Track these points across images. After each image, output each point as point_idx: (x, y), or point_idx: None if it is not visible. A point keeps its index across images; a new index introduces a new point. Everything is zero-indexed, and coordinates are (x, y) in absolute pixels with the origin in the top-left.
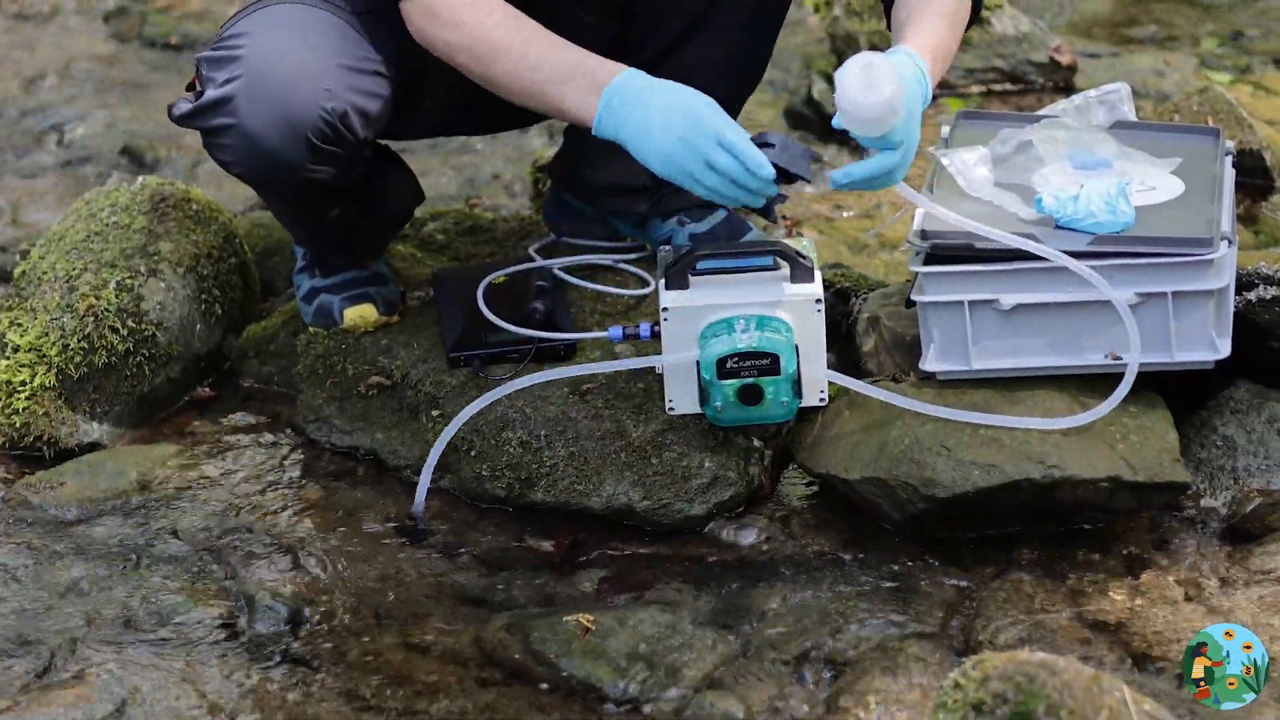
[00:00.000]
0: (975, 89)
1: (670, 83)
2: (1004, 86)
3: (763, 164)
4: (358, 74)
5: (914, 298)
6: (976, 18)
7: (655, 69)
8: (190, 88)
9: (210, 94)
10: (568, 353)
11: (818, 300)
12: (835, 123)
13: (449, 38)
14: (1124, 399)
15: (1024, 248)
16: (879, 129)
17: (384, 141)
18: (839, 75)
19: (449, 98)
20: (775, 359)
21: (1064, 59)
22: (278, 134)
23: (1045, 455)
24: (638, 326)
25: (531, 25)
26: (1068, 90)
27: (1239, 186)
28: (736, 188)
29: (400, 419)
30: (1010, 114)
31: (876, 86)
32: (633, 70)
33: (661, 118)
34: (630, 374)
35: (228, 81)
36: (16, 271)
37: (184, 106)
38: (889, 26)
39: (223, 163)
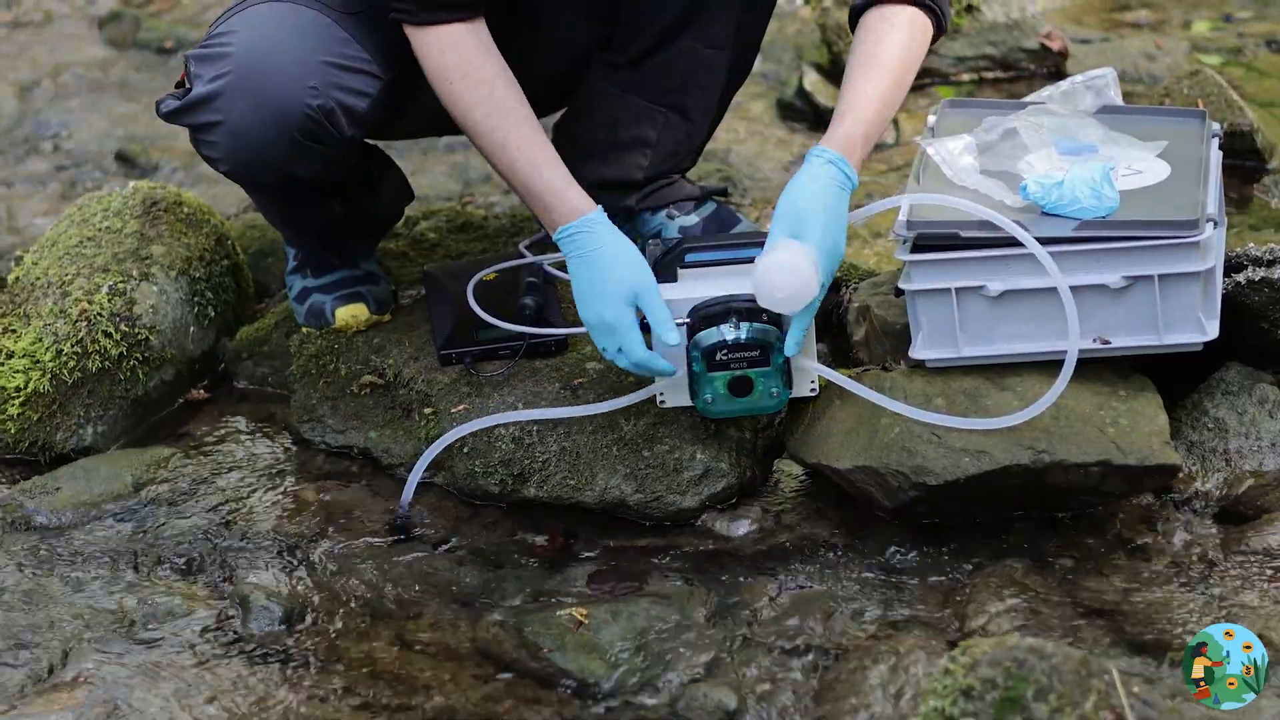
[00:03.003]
0: (966, 76)
1: (616, 252)
2: (995, 74)
3: (665, 368)
4: (345, 72)
5: (902, 286)
6: (943, 32)
7: (644, 67)
8: (179, 85)
9: (198, 90)
10: (559, 348)
11: None
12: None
13: (438, 88)
14: (1114, 383)
15: (976, 214)
16: (794, 310)
17: (375, 141)
18: (760, 268)
19: None
20: (765, 350)
21: (1055, 45)
22: (264, 130)
23: (1035, 440)
24: None
25: (515, 115)
26: (1059, 76)
27: (1230, 169)
28: (639, 370)
29: (393, 417)
30: (996, 101)
31: (796, 290)
32: (592, 217)
33: (588, 296)
34: (620, 368)
35: (215, 78)
36: (10, 278)
37: (171, 103)
38: (852, 30)
39: (210, 159)
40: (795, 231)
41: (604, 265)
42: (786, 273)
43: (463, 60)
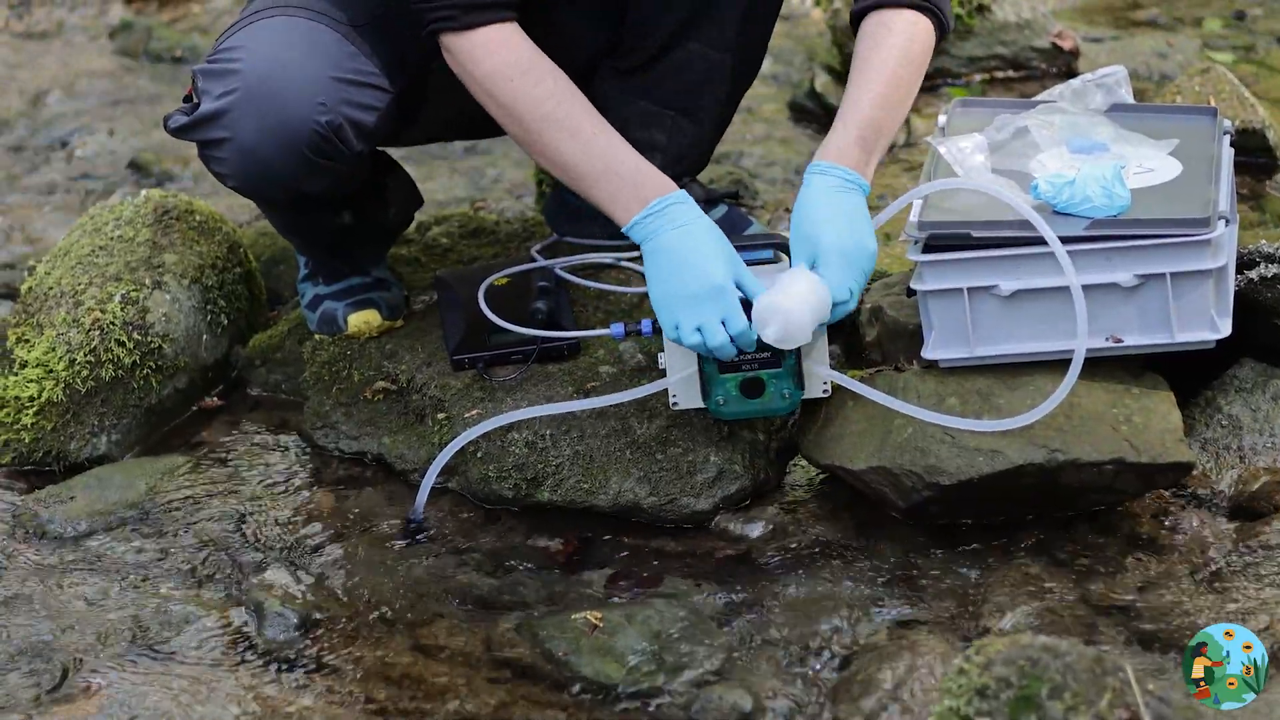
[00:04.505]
0: (978, 76)
1: (708, 229)
2: (1006, 73)
3: (750, 345)
4: (353, 87)
5: (913, 286)
6: (946, 32)
7: (651, 71)
8: (187, 99)
9: (206, 107)
10: (571, 352)
11: None
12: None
13: (495, 89)
14: (1126, 381)
15: (1022, 212)
16: (789, 347)
17: (384, 148)
18: (756, 309)
19: (451, 103)
20: (776, 352)
21: (1066, 44)
22: (273, 147)
23: (1049, 439)
24: (639, 323)
25: (581, 102)
26: (1070, 75)
27: (1242, 166)
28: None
29: (406, 423)
30: (1007, 100)
31: (787, 334)
32: (683, 194)
33: (680, 269)
34: (634, 370)
35: (223, 95)
36: (23, 288)
37: (179, 119)
38: (854, 36)
39: (218, 175)
40: (810, 254)
41: (706, 233)
42: (777, 318)
43: (520, 56)
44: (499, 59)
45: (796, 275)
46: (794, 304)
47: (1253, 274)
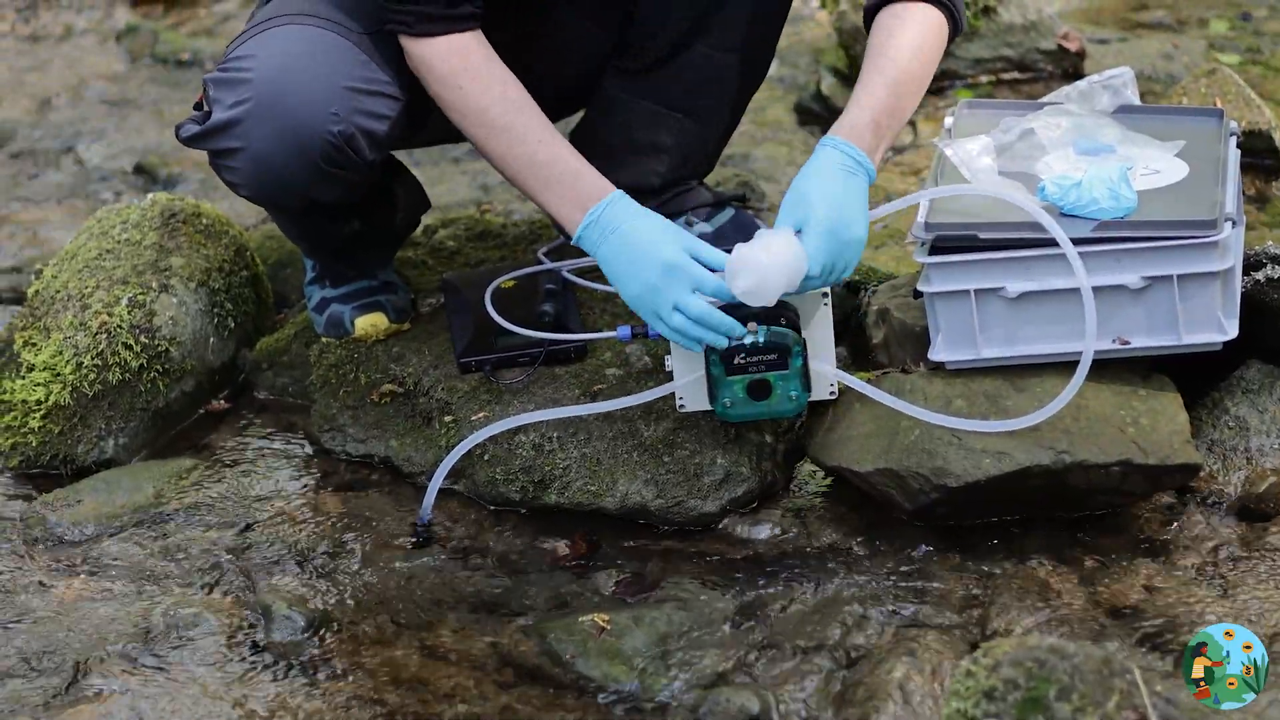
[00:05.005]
0: (984, 78)
1: (644, 223)
2: (1012, 75)
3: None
4: (365, 96)
5: (920, 288)
6: (959, 31)
7: (657, 73)
8: (198, 107)
9: (218, 116)
10: (578, 355)
11: (824, 294)
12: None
13: (444, 95)
14: (1134, 382)
15: (1034, 216)
16: (756, 304)
17: (392, 150)
18: (731, 258)
19: None
20: (783, 354)
21: (1072, 46)
22: (286, 157)
23: (1056, 441)
24: (646, 325)
25: (529, 111)
26: (1077, 77)
27: (1248, 167)
28: (703, 329)
29: (414, 426)
30: (1013, 102)
31: (754, 288)
32: (618, 194)
33: (631, 266)
34: (640, 373)
35: (236, 104)
36: (30, 291)
37: (191, 129)
38: (867, 31)
39: (231, 184)
40: (799, 218)
41: (648, 225)
42: (751, 270)
43: (470, 63)
44: (450, 63)
45: (778, 234)
46: (770, 259)
47: (1259, 275)
